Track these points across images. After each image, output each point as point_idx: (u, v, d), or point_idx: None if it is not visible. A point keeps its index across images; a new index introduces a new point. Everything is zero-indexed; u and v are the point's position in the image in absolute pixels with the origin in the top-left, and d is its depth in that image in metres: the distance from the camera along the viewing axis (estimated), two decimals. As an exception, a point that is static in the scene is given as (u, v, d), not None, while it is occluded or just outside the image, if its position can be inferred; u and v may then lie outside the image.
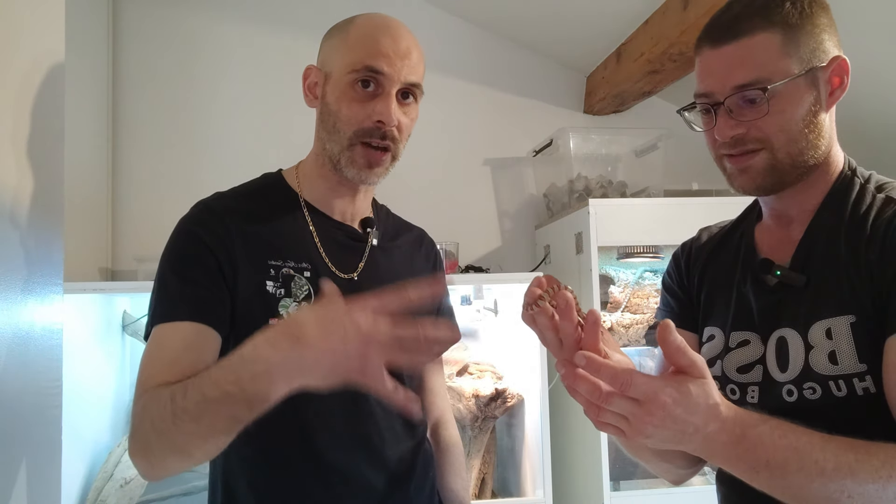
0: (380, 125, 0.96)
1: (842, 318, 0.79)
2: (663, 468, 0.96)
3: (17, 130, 0.79)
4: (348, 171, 1.00)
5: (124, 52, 2.29)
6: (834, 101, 0.85)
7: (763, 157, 0.84)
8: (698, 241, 1.06)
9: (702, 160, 2.51)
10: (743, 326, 0.91)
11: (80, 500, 1.73)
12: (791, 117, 0.82)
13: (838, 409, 0.78)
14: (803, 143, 0.83)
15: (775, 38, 0.81)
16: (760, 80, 0.81)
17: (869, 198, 0.84)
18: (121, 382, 2.01)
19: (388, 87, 0.96)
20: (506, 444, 2.15)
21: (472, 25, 2.52)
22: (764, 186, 0.86)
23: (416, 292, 0.74)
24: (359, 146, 0.98)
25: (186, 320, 0.90)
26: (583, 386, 0.65)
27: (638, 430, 0.65)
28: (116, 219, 2.25)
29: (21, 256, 0.78)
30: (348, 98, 0.97)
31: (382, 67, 0.95)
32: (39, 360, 0.82)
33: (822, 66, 0.83)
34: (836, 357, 0.79)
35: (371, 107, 0.96)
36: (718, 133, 0.85)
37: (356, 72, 0.96)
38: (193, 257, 0.94)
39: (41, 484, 0.81)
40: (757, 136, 0.83)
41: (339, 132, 0.98)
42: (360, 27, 1.00)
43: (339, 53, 0.99)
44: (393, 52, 0.96)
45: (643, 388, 0.64)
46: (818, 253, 0.85)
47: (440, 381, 1.22)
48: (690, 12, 1.77)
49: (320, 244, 1.03)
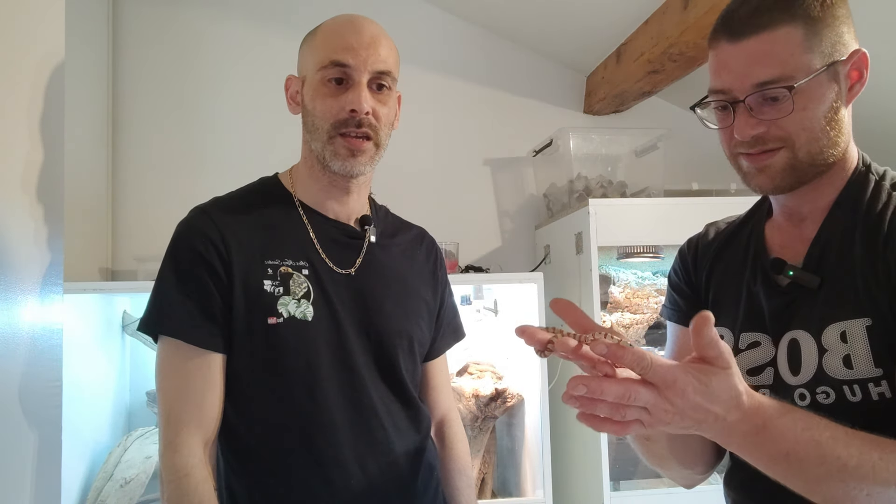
0: (353, 114, 0.99)
1: (857, 321, 0.77)
2: (684, 475, 0.94)
3: (18, 130, 0.79)
4: (334, 164, 1.02)
5: (124, 52, 2.29)
6: (853, 95, 0.82)
7: (783, 155, 0.80)
8: (705, 237, 1.02)
9: (702, 160, 2.53)
10: (753, 327, 0.88)
11: (80, 500, 1.73)
12: (814, 115, 0.78)
13: (852, 414, 0.74)
14: (824, 141, 0.80)
15: (797, 31, 0.77)
16: (783, 77, 0.77)
17: (885, 196, 0.81)
18: (121, 382, 2.01)
19: (357, 77, 1.00)
20: (506, 444, 2.15)
21: (472, 25, 2.52)
22: (782, 186, 0.83)
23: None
24: (338, 138, 1.01)
25: (198, 346, 0.96)
26: (612, 388, 0.61)
27: (658, 419, 0.63)
28: (116, 219, 2.25)
29: (21, 256, 0.78)
30: (321, 95, 1.01)
31: (347, 60, 0.99)
32: (39, 360, 0.82)
33: (843, 60, 0.79)
34: (851, 361, 0.77)
35: (343, 99, 1.00)
36: (738, 132, 0.81)
37: (324, 68, 1.00)
38: (195, 274, 0.98)
39: (41, 484, 0.81)
40: (778, 135, 0.80)
41: (318, 129, 1.02)
42: (325, 28, 1.04)
43: (310, 56, 1.03)
44: (356, 43, 0.99)
45: (662, 373, 0.62)
46: (832, 253, 0.82)
47: (444, 379, 1.22)
48: (690, 12, 1.76)
49: (317, 242, 1.04)
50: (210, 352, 0.97)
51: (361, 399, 1.01)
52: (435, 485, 1.10)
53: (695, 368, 0.64)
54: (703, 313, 0.65)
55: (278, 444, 0.98)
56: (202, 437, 0.95)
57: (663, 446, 0.90)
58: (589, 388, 0.61)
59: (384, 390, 1.04)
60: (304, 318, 0.99)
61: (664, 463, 0.92)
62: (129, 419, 2.03)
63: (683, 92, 2.43)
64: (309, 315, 0.99)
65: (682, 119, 2.59)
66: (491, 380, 2.04)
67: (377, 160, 1.05)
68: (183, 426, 0.93)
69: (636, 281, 2.23)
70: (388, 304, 1.07)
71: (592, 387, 0.61)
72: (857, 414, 0.75)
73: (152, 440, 1.87)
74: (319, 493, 0.97)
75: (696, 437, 0.88)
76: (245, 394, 0.99)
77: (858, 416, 0.73)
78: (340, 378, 1.00)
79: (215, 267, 0.97)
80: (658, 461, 0.93)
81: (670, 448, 0.90)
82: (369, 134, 1.01)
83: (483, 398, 1.96)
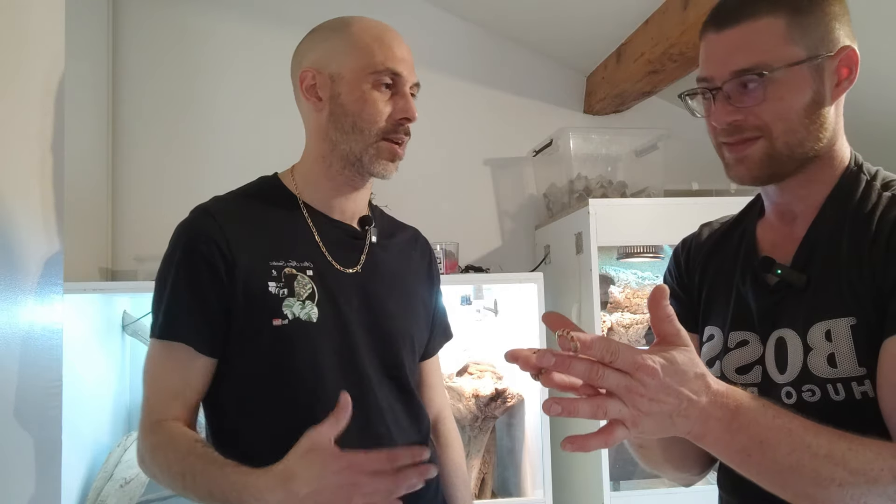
0: (403, 122, 1.03)
1: (842, 320, 0.77)
2: (680, 477, 0.96)
3: (18, 131, 0.79)
4: (374, 166, 1.04)
5: (124, 52, 2.29)
6: (841, 92, 0.82)
7: (761, 145, 0.81)
8: (699, 238, 1.03)
9: (702, 160, 2.52)
10: (742, 326, 0.89)
11: (80, 500, 1.73)
12: (790, 105, 0.80)
13: (838, 413, 0.75)
14: (803, 133, 0.81)
15: (779, 22, 0.79)
16: (760, 65, 0.79)
17: (875, 196, 0.81)
18: (121, 382, 2.01)
19: (404, 87, 1.04)
20: (506, 444, 2.15)
21: (473, 25, 2.52)
22: (760, 177, 0.84)
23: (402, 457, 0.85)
24: (383, 142, 1.03)
25: (182, 343, 0.97)
26: (579, 365, 0.63)
27: (636, 409, 0.63)
28: (116, 219, 2.25)
29: (21, 256, 0.78)
30: (372, 98, 1.02)
31: (401, 70, 1.03)
32: (39, 360, 0.82)
33: (830, 56, 0.80)
34: (836, 360, 0.77)
35: (391, 105, 1.03)
36: (715, 119, 0.83)
37: (378, 73, 1.01)
38: (193, 275, 0.98)
39: (41, 484, 0.81)
40: (755, 124, 0.81)
41: (361, 131, 1.02)
42: (365, 30, 1.04)
43: (350, 56, 1.02)
44: (404, 55, 1.04)
45: (629, 356, 0.63)
46: (820, 252, 0.83)
47: (438, 378, 1.23)
48: (690, 12, 1.76)
49: (321, 242, 1.05)
50: (198, 354, 0.97)
51: (367, 399, 1.01)
52: (435, 482, 1.10)
53: (658, 348, 0.66)
54: (659, 286, 0.67)
55: (283, 445, 0.98)
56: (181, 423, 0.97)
57: (658, 454, 0.90)
58: (557, 360, 0.63)
59: (389, 390, 1.05)
60: (308, 320, 0.99)
61: (661, 467, 0.93)
62: (129, 419, 2.03)
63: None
64: (314, 316, 0.99)
65: (682, 119, 2.58)
66: (491, 380, 2.04)
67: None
68: (162, 413, 0.96)
69: (636, 281, 2.23)
70: (392, 304, 1.07)
71: (560, 359, 0.63)
72: (842, 413, 0.75)
73: (152, 440, 1.87)
74: None
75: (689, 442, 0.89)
76: (249, 395, 0.99)
77: (844, 415, 0.73)
78: (346, 378, 1.00)
79: (218, 269, 0.97)
80: (654, 466, 0.93)
81: (665, 455, 0.91)
82: (404, 140, 1.05)
83: (483, 398, 1.96)
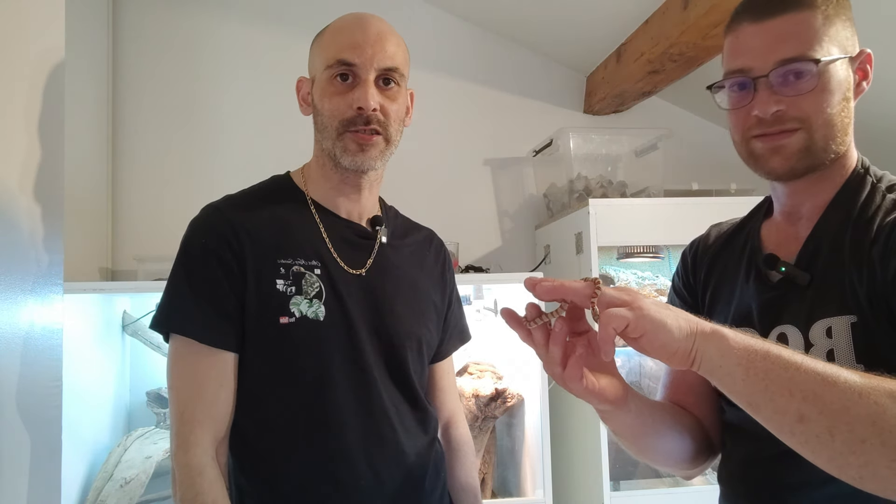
0: (360, 112, 0.99)
1: (843, 318, 0.79)
2: (673, 471, 0.96)
3: (17, 130, 0.79)
4: (344, 160, 1.02)
5: (124, 52, 2.29)
6: (859, 93, 0.85)
7: (800, 136, 0.82)
8: (706, 239, 1.04)
9: (702, 160, 2.52)
10: (743, 322, 0.90)
11: (80, 500, 1.73)
12: (832, 98, 0.81)
13: None
14: (838, 128, 0.83)
15: (818, 18, 0.81)
16: (808, 56, 0.80)
17: (879, 198, 0.83)
18: (121, 382, 2.01)
19: (363, 75, 1.00)
20: (506, 444, 2.15)
21: (473, 25, 2.52)
22: (797, 168, 0.84)
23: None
24: (346, 134, 1.01)
25: (211, 346, 0.97)
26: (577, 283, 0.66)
27: (638, 307, 0.64)
28: (116, 219, 2.25)
29: (21, 256, 0.78)
30: (329, 93, 1.01)
31: (353, 58, 0.99)
32: (39, 360, 0.82)
33: (853, 57, 0.84)
34: (834, 356, 0.78)
35: (350, 97, 1.00)
36: (759, 108, 0.82)
37: (330, 67, 1.01)
38: (208, 270, 0.98)
39: (41, 484, 0.81)
40: (796, 115, 0.81)
41: (327, 127, 1.02)
42: (333, 27, 1.05)
43: (318, 56, 1.04)
44: (362, 41, 1.00)
45: (610, 292, 0.66)
46: (823, 251, 0.84)
47: (451, 381, 1.22)
48: (690, 12, 1.76)
49: (329, 241, 1.04)
50: (222, 351, 0.97)
51: (372, 399, 1.01)
52: (442, 486, 1.10)
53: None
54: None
55: (288, 442, 0.98)
56: (214, 436, 0.95)
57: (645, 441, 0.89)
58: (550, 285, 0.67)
59: (393, 391, 1.05)
60: (315, 318, 0.99)
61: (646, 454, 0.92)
62: (129, 419, 2.03)
63: (683, 92, 2.43)
64: (321, 315, 0.99)
65: (682, 119, 2.59)
66: (491, 380, 2.04)
67: (388, 156, 1.05)
68: (196, 425, 0.94)
69: (636, 281, 2.23)
70: (399, 306, 1.07)
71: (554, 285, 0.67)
72: None
73: (152, 440, 1.87)
74: (328, 492, 0.97)
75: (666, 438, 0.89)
76: (255, 393, 0.99)
77: None
78: (351, 378, 1.00)
79: (230, 265, 0.98)
80: (654, 458, 0.93)
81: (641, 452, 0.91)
82: (378, 130, 1.01)
83: (483, 398, 1.96)
